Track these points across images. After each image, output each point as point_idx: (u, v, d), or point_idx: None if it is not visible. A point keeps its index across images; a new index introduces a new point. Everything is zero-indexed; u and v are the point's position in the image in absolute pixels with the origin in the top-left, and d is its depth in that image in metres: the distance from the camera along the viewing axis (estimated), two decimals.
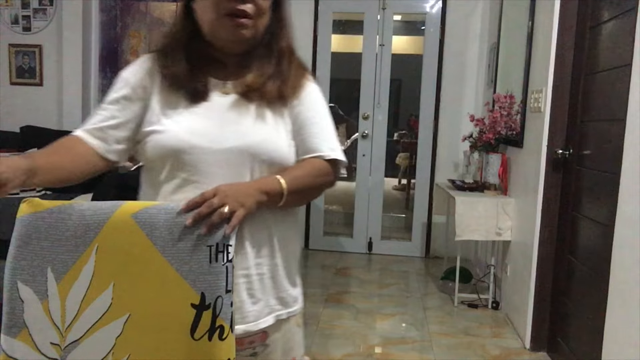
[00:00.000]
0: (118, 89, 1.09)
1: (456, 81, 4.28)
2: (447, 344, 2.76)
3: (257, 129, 1.04)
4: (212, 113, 1.04)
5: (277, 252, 1.07)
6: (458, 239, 3.11)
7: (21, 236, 0.90)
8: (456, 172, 4.28)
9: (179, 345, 0.88)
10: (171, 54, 1.07)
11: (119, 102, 1.07)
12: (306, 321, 2.99)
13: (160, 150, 1.02)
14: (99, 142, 1.05)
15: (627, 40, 1.96)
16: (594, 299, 2.15)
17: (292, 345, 1.15)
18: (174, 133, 1.01)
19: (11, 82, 4.29)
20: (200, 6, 1.04)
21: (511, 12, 3.41)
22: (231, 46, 1.07)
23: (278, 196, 1.00)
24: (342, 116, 7.54)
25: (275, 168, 1.03)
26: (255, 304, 1.03)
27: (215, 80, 1.08)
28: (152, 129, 1.04)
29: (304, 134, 1.09)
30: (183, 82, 1.05)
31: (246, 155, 1.01)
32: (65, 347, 0.89)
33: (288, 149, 1.06)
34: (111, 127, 1.06)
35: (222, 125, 1.03)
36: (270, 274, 1.06)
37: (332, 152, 1.09)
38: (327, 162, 1.09)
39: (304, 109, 1.10)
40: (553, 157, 2.58)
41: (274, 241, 1.06)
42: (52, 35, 4.21)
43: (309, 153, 1.08)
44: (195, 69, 1.06)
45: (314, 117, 1.10)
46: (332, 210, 5.61)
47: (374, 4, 4.29)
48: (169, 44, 1.09)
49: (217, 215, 0.89)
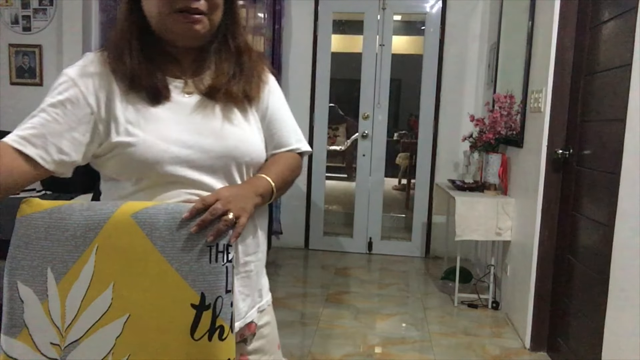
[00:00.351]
0: (63, 90, 0.95)
1: (456, 81, 4.28)
2: (447, 344, 2.76)
3: (233, 130, 1.02)
4: (180, 117, 0.99)
5: (261, 247, 1.10)
6: (458, 239, 3.11)
7: (21, 236, 0.90)
8: (456, 172, 4.28)
9: (179, 345, 0.88)
10: (125, 51, 0.98)
11: (64, 105, 0.94)
12: (306, 321, 3.00)
13: (136, 163, 0.95)
14: (37, 151, 0.91)
15: (627, 40, 1.96)
16: (594, 299, 2.15)
17: (276, 333, 1.18)
18: (149, 144, 0.95)
19: (11, 82, 4.28)
20: (147, 1, 0.98)
21: (511, 12, 3.41)
22: (184, 42, 1.02)
23: (269, 196, 1.03)
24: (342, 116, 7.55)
25: (255, 167, 1.06)
26: (244, 301, 1.05)
27: (172, 79, 1.02)
28: (120, 140, 0.95)
29: (272, 129, 1.11)
30: (142, 81, 0.97)
31: (229, 159, 1.01)
32: (65, 347, 0.89)
33: (262, 146, 1.08)
34: (53, 134, 0.92)
35: (198, 130, 0.99)
36: (256, 270, 1.08)
37: (300, 143, 1.15)
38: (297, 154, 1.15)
39: (271, 103, 1.12)
40: (553, 157, 2.58)
41: (259, 237, 1.09)
42: (52, 35, 4.21)
43: (280, 148, 1.12)
44: (150, 67, 0.99)
45: (279, 111, 1.13)
46: (332, 210, 5.61)
47: (374, 4, 4.29)
48: (120, 41, 1.00)
49: (224, 223, 0.90)
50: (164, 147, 0.96)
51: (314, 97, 4.40)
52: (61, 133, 0.93)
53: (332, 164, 6.18)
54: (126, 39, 0.99)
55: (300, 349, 2.65)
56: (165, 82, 1.00)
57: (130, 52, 0.98)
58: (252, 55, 1.10)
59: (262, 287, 1.12)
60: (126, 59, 0.98)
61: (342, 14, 5.07)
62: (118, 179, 0.99)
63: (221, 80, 1.03)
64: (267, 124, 1.11)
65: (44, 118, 0.93)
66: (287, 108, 1.17)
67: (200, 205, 0.90)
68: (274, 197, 1.04)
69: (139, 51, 0.99)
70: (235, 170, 1.02)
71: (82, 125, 0.95)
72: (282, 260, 4.22)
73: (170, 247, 0.89)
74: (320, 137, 4.44)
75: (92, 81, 0.97)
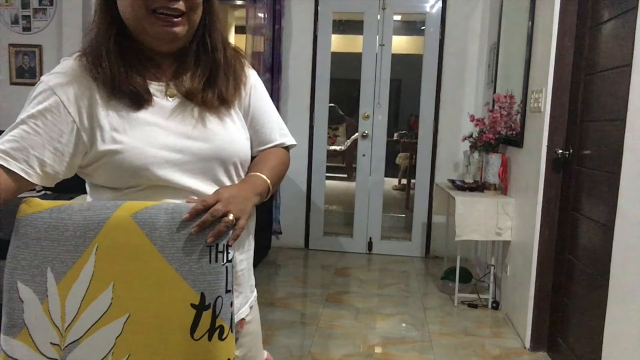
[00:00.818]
0: (42, 100, 0.92)
1: (456, 81, 4.28)
2: (447, 344, 2.76)
3: (219, 131, 1.01)
4: (165, 121, 0.98)
5: (250, 244, 1.11)
6: (458, 239, 3.11)
7: (21, 236, 0.90)
8: (456, 172, 4.28)
9: (179, 345, 0.88)
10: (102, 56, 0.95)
11: (44, 115, 0.91)
12: (306, 321, 3.00)
13: (125, 170, 0.93)
14: (20, 166, 0.88)
15: (627, 40, 1.96)
16: (594, 299, 2.15)
17: (260, 328, 1.19)
18: (138, 150, 0.93)
19: (11, 82, 4.29)
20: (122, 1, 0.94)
21: (511, 12, 3.41)
22: (161, 46, 0.99)
23: (266, 194, 1.03)
24: (342, 116, 7.55)
25: (242, 167, 1.06)
26: (237, 298, 1.06)
27: (153, 83, 1.00)
28: (107, 148, 0.93)
29: (256, 125, 1.10)
30: (122, 87, 0.94)
31: (219, 160, 1.01)
32: (65, 347, 0.89)
33: (247, 144, 1.08)
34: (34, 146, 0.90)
35: (185, 133, 0.98)
36: (248, 267, 1.10)
37: (285, 138, 1.15)
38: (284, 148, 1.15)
39: (253, 100, 1.10)
40: (553, 157, 2.58)
41: (249, 235, 1.10)
42: (52, 35, 4.21)
43: (266, 144, 1.11)
44: (129, 71, 0.96)
45: (263, 107, 1.12)
46: (332, 210, 5.61)
47: (374, 4, 4.29)
48: (97, 46, 0.96)
49: (224, 224, 0.90)
50: (153, 152, 0.94)
51: (314, 97, 4.40)
52: (43, 145, 0.90)
53: (332, 164, 6.18)
54: (103, 43, 0.96)
55: (300, 349, 2.65)
56: (146, 87, 0.98)
57: (109, 57, 0.95)
58: (228, 52, 1.06)
59: (252, 282, 1.14)
60: (105, 65, 0.94)
61: (342, 14, 5.07)
62: (106, 186, 0.98)
63: (196, 85, 1.00)
64: (251, 121, 1.10)
65: (24, 130, 0.90)
66: (270, 103, 1.15)
67: (201, 206, 0.90)
68: (269, 194, 1.04)
69: (117, 55, 0.95)
70: (223, 172, 1.02)
71: (64, 136, 0.92)
72: (282, 260, 4.22)
73: (170, 247, 0.89)
74: (320, 137, 4.43)
75: (72, 89, 0.93)
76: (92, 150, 0.94)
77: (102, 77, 0.94)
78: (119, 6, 0.95)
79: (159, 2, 0.93)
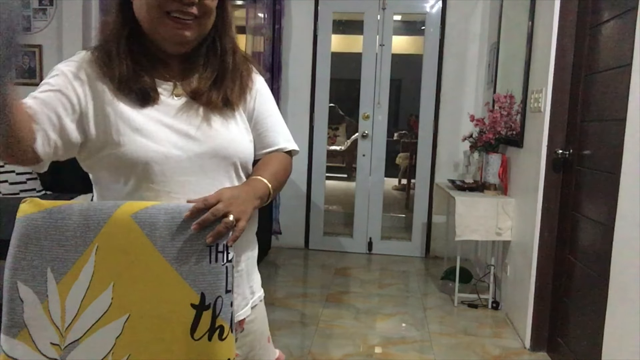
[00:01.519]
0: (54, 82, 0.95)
1: (456, 81, 4.28)
2: (447, 343, 2.76)
3: (222, 131, 1.03)
4: (169, 119, 0.99)
5: (251, 245, 1.11)
6: (458, 239, 3.11)
7: (21, 236, 0.90)
8: (456, 172, 4.28)
9: (179, 345, 0.88)
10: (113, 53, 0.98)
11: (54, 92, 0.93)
12: (306, 321, 3.00)
13: (126, 163, 0.95)
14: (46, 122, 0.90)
15: (627, 40, 1.96)
16: (594, 299, 2.15)
17: (265, 327, 1.19)
18: (139, 144, 0.95)
19: None
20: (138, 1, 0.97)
21: (511, 12, 3.41)
22: (171, 47, 1.01)
23: (267, 198, 1.03)
24: (342, 116, 7.56)
25: (244, 167, 1.06)
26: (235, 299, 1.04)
27: (161, 82, 1.02)
28: (109, 140, 0.95)
29: (260, 129, 1.11)
30: (131, 84, 0.97)
31: (219, 159, 1.01)
32: (65, 347, 0.89)
33: (250, 146, 1.09)
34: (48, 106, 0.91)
35: (187, 132, 0.99)
36: (247, 269, 1.09)
37: (289, 143, 1.15)
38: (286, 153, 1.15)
39: (257, 104, 1.11)
40: (553, 157, 2.58)
41: (250, 236, 1.09)
42: (52, 35, 4.21)
43: (269, 147, 1.12)
44: (139, 69, 0.99)
45: (268, 111, 1.13)
46: (332, 210, 5.61)
47: (374, 4, 4.30)
48: (109, 43, 0.99)
49: (224, 225, 0.90)
50: (154, 147, 0.96)
51: (314, 97, 4.40)
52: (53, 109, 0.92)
53: (332, 164, 6.18)
54: (115, 41, 0.99)
55: (300, 349, 2.65)
56: (154, 85, 1.00)
57: (119, 54, 0.98)
58: (237, 57, 1.08)
59: (253, 283, 1.13)
60: (114, 62, 0.97)
61: (342, 14, 5.07)
62: (108, 180, 0.99)
63: (203, 86, 1.03)
64: (255, 124, 1.11)
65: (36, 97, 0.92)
66: (275, 108, 1.16)
67: (202, 205, 0.90)
68: (269, 198, 1.05)
69: (127, 53, 0.98)
70: (223, 171, 1.02)
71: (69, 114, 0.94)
72: (282, 260, 4.22)
73: (170, 247, 0.89)
74: (320, 137, 4.43)
75: (82, 79, 0.97)
76: (95, 141, 0.96)
77: (110, 74, 0.97)
78: (134, 6, 0.98)
79: (174, 5, 0.95)
